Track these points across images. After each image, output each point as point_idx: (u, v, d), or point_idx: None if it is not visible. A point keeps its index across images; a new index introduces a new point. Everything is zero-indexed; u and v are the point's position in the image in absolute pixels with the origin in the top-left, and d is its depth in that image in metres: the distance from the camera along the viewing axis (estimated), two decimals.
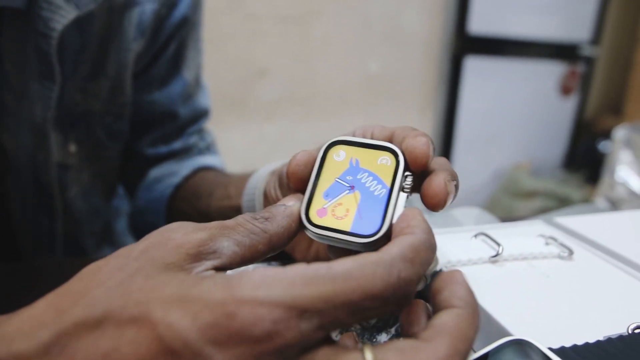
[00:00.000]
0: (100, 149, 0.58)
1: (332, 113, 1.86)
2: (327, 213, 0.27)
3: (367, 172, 0.28)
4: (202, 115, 0.66)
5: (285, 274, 0.19)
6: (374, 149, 0.28)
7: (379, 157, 0.28)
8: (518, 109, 2.26)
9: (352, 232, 0.26)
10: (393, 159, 0.27)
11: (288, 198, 0.28)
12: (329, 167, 0.28)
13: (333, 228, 0.26)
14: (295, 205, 0.27)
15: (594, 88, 2.45)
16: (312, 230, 0.26)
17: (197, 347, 0.17)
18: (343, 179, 0.28)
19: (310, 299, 0.18)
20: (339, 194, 0.27)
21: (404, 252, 0.21)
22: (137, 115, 0.60)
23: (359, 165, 0.28)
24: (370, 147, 0.28)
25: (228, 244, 0.23)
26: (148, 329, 0.18)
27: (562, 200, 2.07)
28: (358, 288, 0.19)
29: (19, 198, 0.52)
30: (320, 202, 0.27)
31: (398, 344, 0.20)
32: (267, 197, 0.36)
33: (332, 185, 0.28)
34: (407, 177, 0.27)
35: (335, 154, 0.29)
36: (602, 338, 0.28)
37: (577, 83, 2.34)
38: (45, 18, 0.45)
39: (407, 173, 0.27)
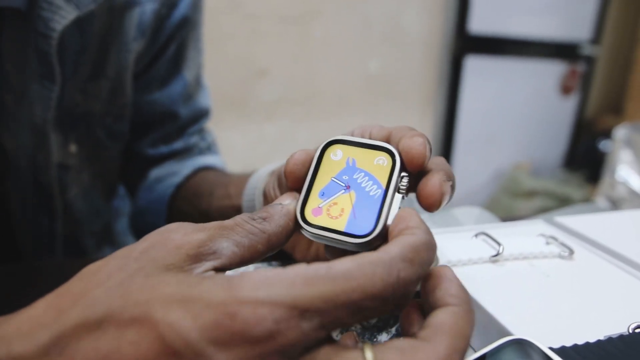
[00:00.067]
0: (101, 149, 0.58)
1: (332, 113, 1.86)
2: (322, 212, 0.27)
3: (363, 172, 0.28)
4: (202, 115, 0.66)
5: (286, 274, 0.19)
6: (371, 149, 0.28)
7: (376, 157, 0.28)
8: (518, 109, 2.26)
9: (346, 232, 0.26)
10: (389, 160, 0.27)
11: (284, 196, 0.28)
12: (326, 166, 0.28)
13: (327, 227, 0.26)
14: (292, 204, 0.27)
15: (594, 88, 2.45)
16: (307, 230, 0.26)
17: (198, 347, 0.17)
18: (339, 179, 0.28)
19: (311, 299, 0.18)
20: (335, 194, 0.27)
21: (404, 252, 0.21)
22: (137, 116, 0.60)
23: (355, 165, 0.28)
24: (367, 147, 0.28)
25: (227, 245, 0.23)
26: (149, 329, 0.18)
27: (562, 200, 2.07)
28: (358, 288, 0.19)
29: (19, 198, 0.52)
30: (316, 201, 0.27)
31: (398, 343, 0.20)
32: (266, 197, 0.36)
33: (328, 185, 0.28)
34: (403, 178, 0.27)
35: (333, 153, 0.29)
36: (602, 338, 0.28)
37: (577, 83, 2.34)
38: (46, 18, 0.45)
39: (403, 174, 0.27)
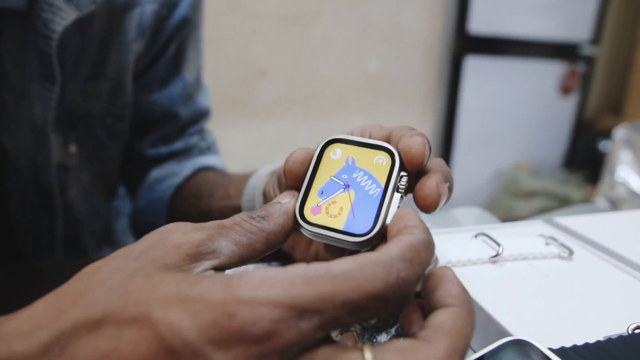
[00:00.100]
0: (101, 150, 0.58)
1: (331, 113, 1.86)
2: (321, 211, 0.27)
3: (362, 171, 0.28)
4: (202, 116, 0.66)
5: (285, 274, 0.19)
6: (371, 148, 0.28)
7: (375, 156, 0.28)
8: (518, 109, 2.26)
9: (344, 230, 0.26)
10: (389, 159, 0.27)
11: (283, 195, 0.28)
12: (325, 165, 0.28)
13: (326, 226, 0.26)
14: (291, 202, 0.27)
15: (594, 88, 2.45)
16: (305, 228, 0.26)
17: (197, 346, 0.17)
18: (338, 177, 0.28)
19: (310, 299, 0.18)
20: (334, 192, 0.27)
21: (404, 252, 0.21)
22: (137, 116, 0.60)
23: (355, 164, 0.28)
24: (367, 146, 0.28)
25: (226, 244, 0.23)
26: (148, 329, 0.18)
27: (562, 200, 2.07)
28: (357, 288, 0.19)
29: (19, 198, 0.52)
30: (315, 199, 0.27)
31: (397, 344, 0.20)
32: (266, 197, 0.36)
33: (327, 183, 0.28)
34: (402, 177, 0.27)
35: (332, 152, 0.29)
36: (602, 338, 0.29)
37: (577, 83, 2.34)
38: (46, 19, 0.45)
39: (402, 173, 0.27)
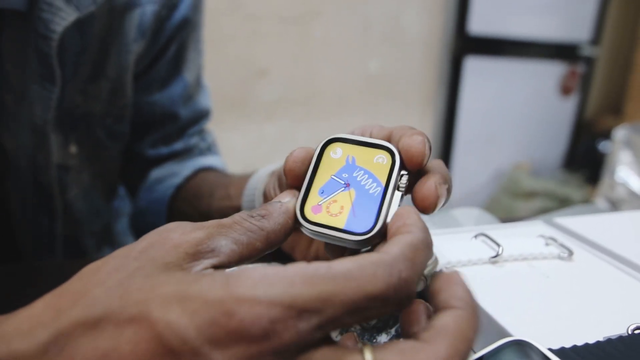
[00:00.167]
0: (101, 150, 0.58)
1: (332, 113, 1.86)
2: (321, 210, 0.27)
3: (363, 170, 0.28)
4: (202, 116, 0.66)
5: (285, 273, 0.19)
6: (371, 147, 0.28)
7: (376, 155, 0.28)
8: (518, 109, 2.26)
9: (345, 229, 0.26)
10: (389, 158, 0.28)
11: (284, 194, 0.28)
12: (326, 164, 0.28)
13: (327, 225, 0.26)
14: (291, 202, 0.27)
15: (594, 88, 2.45)
16: (306, 227, 0.26)
17: (195, 345, 0.17)
18: (339, 176, 0.28)
19: (309, 299, 0.18)
20: (334, 191, 0.27)
21: (404, 251, 0.21)
22: (137, 117, 0.60)
23: (355, 163, 0.28)
24: (367, 145, 0.28)
25: (226, 243, 0.23)
26: (147, 328, 0.18)
27: (562, 201, 2.07)
28: (358, 288, 0.19)
29: (19, 198, 0.52)
30: (316, 198, 0.27)
31: (398, 345, 0.20)
32: (266, 197, 0.36)
33: (327, 182, 0.28)
34: (402, 176, 0.27)
35: (332, 151, 0.29)
36: (601, 339, 0.29)
37: (577, 83, 2.34)
38: (46, 20, 0.45)
39: (402, 172, 0.27)
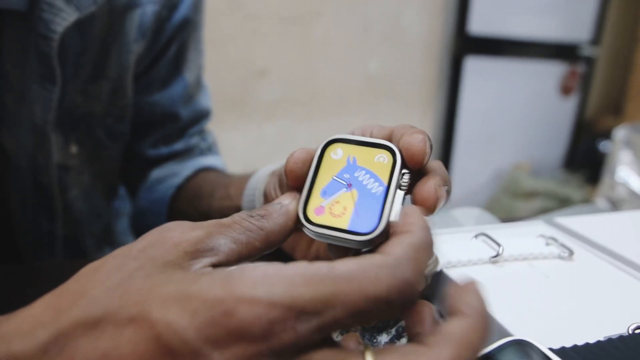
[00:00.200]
0: (101, 150, 0.58)
1: (332, 113, 1.86)
2: (324, 211, 0.27)
3: (364, 170, 0.28)
4: (203, 116, 0.66)
5: (286, 272, 0.19)
6: (371, 147, 0.28)
7: (376, 155, 0.28)
8: (518, 109, 2.26)
9: (349, 229, 0.26)
10: (390, 157, 0.28)
11: (284, 196, 0.28)
12: (327, 165, 0.28)
13: (330, 226, 0.26)
14: (292, 204, 0.27)
15: (594, 88, 2.45)
16: (309, 229, 0.26)
17: (195, 345, 0.17)
18: (340, 177, 0.28)
19: (310, 300, 0.18)
20: (336, 192, 0.27)
21: (407, 252, 0.20)
22: (138, 117, 0.60)
23: (356, 163, 0.28)
24: (368, 145, 0.28)
25: (225, 242, 0.23)
26: (146, 328, 0.18)
27: (562, 201, 2.07)
28: (360, 290, 0.18)
29: (19, 198, 0.52)
30: (318, 200, 0.27)
31: (400, 348, 0.19)
32: (267, 197, 0.36)
33: (329, 183, 0.28)
34: (404, 174, 0.27)
35: (333, 152, 0.29)
36: (602, 338, 0.29)
37: (577, 83, 2.34)
38: (46, 20, 0.45)
39: (404, 171, 0.27)
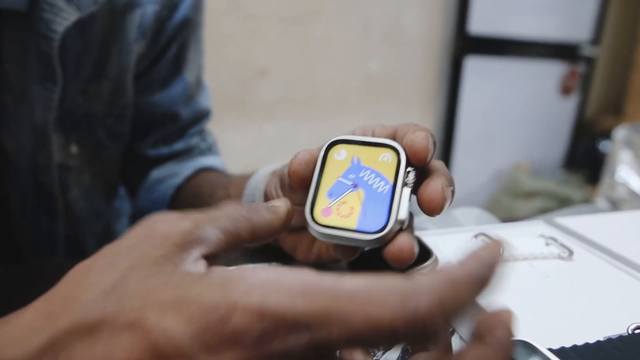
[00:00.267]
0: (102, 150, 0.58)
1: (332, 113, 1.86)
2: (331, 212, 0.27)
3: (369, 169, 0.28)
4: (203, 116, 0.66)
5: (286, 280, 0.18)
6: (375, 147, 0.28)
7: (380, 154, 0.28)
8: (518, 109, 2.26)
9: (358, 229, 0.26)
10: (394, 156, 0.28)
11: (276, 200, 0.27)
12: (331, 166, 0.29)
13: (339, 227, 0.26)
14: (282, 206, 0.26)
15: (594, 88, 2.45)
16: (317, 230, 0.27)
17: (190, 352, 0.17)
18: (345, 178, 0.28)
19: (304, 313, 0.17)
20: (343, 193, 0.28)
21: (435, 285, 0.17)
22: (138, 117, 0.60)
23: (361, 164, 0.28)
24: (371, 144, 0.29)
25: (213, 231, 0.23)
26: (142, 335, 0.17)
27: (562, 201, 2.07)
28: (361, 312, 0.17)
29: (19, 199, 0.52)
30: (324, 201, 0.27)
31: None
32: (267, 197, 0.36)
33: (334, 185, 0.28)
34: (409, 172, 0.27)
35: (336, 154, 0.29)
36: (602, 338, 0.29)
37: (577, 83, 2.34)
38: (47, 20, 0.45)
39: (409, 169, 0.27)
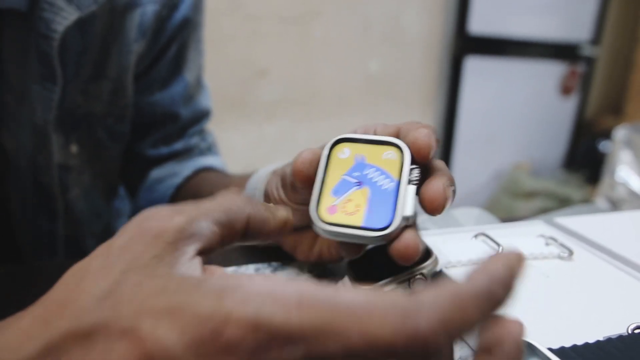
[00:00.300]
0: (102, 150, 0.58)
1: (332, 113, 1.86)
2: (337, 210, 0.27)
3: (373, 167, 0.28)
4: (203, 116, 0.66)
5: (283, 290, 0.17)
6: (378, 145, 0.29)
7: (384, 152, 0.28)
8: (518, 109, 2.26)
9: (364, 226, 0.26)
10: (398, 153, 0.28)
11: (278, 205, 0.27)
12: (335, 165, 0.29)
13: (345, 224, 0.26)
14: (281, 210, 0.27)
15: (594, 88, 2.45)
16: (323, 228, 0.27)
17: None
18: (350, 176, 0.28)
19: (298, 325, 0.16)
20: (348, 191, 0.28)
21: (439, 302, 0.16)
22: (138, 117, 0.60)
23: (365, 161, 0.28)
24: (375, 142, 0.29)
25: (207, 225, 0.22)
26: (136, 344, 0.17)
27: (562, 201, 2.07)
28: (359, 327, 0.16)
29: (19, 198, 0.52)
30: (330, 199, 0.28)
31: None
32: (268, 197, 0.36)
33: (339, 183, 0.28)
34: (413, 170, 0.27)
35: (340, 152, 0.29)
36: (601, 338, 0.29)
37: (577, 83, 2.34)
38: (47, 19, 0.45)
39: (413, 166, 0.27)
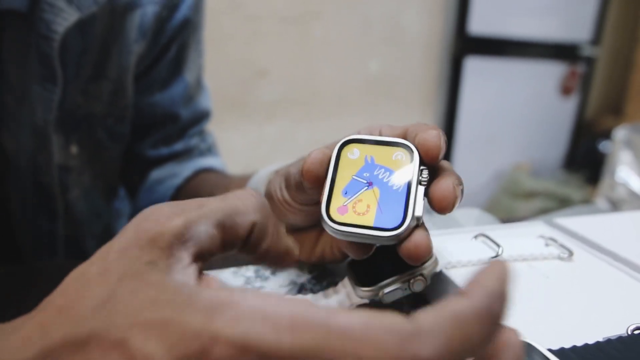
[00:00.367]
0: (102, 151, 0.58)
1: (332, 113, 1.86)
2: (348, 210, 0.27)
3: (383, 168, 0.28)
4: (203, 117, 0.66)
5: (276, 310, 0.17)
6: (388, 146, 0.29)
7: (393, 152, 0.29)
8: (518, 109, 2.26)
9: (375, 226, 0.26)
10: (407, 154, 0.28)
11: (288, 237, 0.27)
12: (344, 165, 0.29)
13: (356, 224, 0.27)
14: (290, 240, 0.26)
15: (594, 88, 2.45)
16: (334, 228, 0.27)
17: None
18: (360, 176, 0.28)
19: (290, 349, 0.16)
20: (358, 191, 0.28)
21: (439, 324, 0.16)
22: (138, 117, 0.61)
23: (375, 162, 0.29)
24: (384, 144, 0.29)
25: (205, 228, 0.21)
26: (127, 357, 0.17)
27: (562, 201, 2.07)
28: (353, 353, 0.15)
29: (19, 199, 0.52)
30: (340, 199, 0.28)
31: None
32: (271, 197, 0.35)
33: (349, 183, 0.28)
34: (422, 170, 0.28)
35: (350, 152, 0.29)
36: (601, 339, 0.29)
37: (577, 83, 2.34)
38: (47, 20, 0.45)
39: (422, 167, 0.28)
